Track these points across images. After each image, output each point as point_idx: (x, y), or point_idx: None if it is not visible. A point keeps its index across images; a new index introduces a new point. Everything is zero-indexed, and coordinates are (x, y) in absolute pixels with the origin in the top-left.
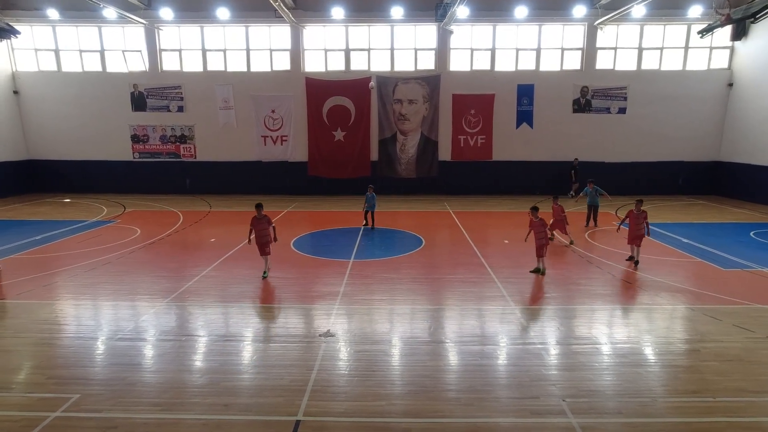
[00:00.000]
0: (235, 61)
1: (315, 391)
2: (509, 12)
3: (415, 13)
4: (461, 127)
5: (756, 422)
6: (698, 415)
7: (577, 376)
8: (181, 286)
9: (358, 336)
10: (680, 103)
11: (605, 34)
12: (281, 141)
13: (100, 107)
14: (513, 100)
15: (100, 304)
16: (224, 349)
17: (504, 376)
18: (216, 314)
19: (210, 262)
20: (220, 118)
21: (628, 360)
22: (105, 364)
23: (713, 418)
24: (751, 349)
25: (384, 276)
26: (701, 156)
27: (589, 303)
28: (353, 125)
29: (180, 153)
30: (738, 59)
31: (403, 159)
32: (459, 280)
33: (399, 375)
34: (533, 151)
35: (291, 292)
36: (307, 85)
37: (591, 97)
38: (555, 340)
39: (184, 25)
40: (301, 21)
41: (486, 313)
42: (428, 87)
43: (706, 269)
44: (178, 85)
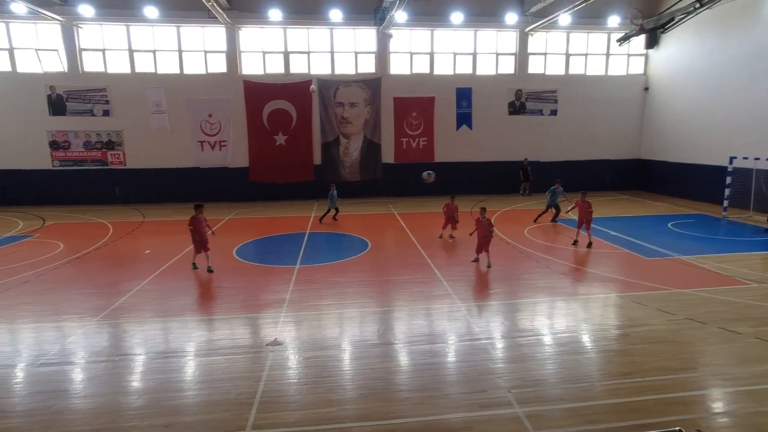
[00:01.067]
0: (166, 63)
1: (263, 403)
2: (446, 17)
3: (355, 16)
4: (403, 130)
5: (680, 397)
6: (631, 395)
7: (522, 367)
8: (113, 302)
9: (307, 342)
10: (604, 105)
11: (536, 41)
12: (220, 146)
13: (11, 111)
14: (452, 102)
15: (17, 327)
16: (164, 366)
17: (453, 372)
18: (154, 330)
19: (146, 275)
20: (153, 122)
21: (567, 348)
22: (25, 393)
23: (644, 397)
24: (673, 330)
25: (331, 280)
26: (625, 154)
27: (531, 296)
28: (295, 129)
29: (107, 160)
30: (652, 65)
31: (346, 162)
32: (406, 281)
33: (350, 379)
34: (474, 152)
35: (235, 301)
36: (245, 89)
37: (525, 100)
38: (500, 334)
39: (107, 23)
40: (236, 22)
41: (434, 312)
42: (369, 90)
43: (633, 259)
44: (102, 88)
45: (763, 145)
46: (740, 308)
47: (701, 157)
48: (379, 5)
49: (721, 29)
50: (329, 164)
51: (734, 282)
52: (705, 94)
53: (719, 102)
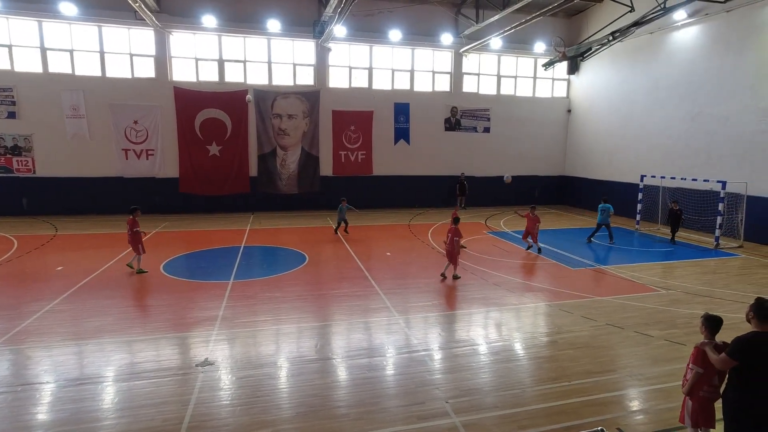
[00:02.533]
0: (85, 64)
1: (192, 428)
2: (384, 34)
3: (293, 28)
4: (342, 143)
5: (602, 398)
6: (558, 398)
7: (458, 377)
8: (15, 325)
9: (241, 361)
10: (533, 125)
11: (470, 61)
12: (147, 155)
13: None
14: (390, 117)
15: None
16: (78, 395)
17: (392, 385)
18: (66, 355)
19: (57, 294)
20: (68, 127)
21: (500, 357)
22: None
23: (569, 400)
24: (595, 335)
25: (267, 295)
26: (551, 171)
27: (467, 307)
28: (230, 139)
29: (12, 167)
30: (573, 89)
31: (284, 174)
32: (344, 295)
33: (286, 398)
34: (411, 166)
35: (162, 320)
36: (176, 96)
37: (460, 117)
38: (437, 345)
39: (14, 17)
40: (167, 26)
41: (372, 326)
42: (308, 102)
43: (559, 269)
44: (8, 87)
45: (666, 165)
46: (651, 313)
47: (616, 174)
48: (318, 18)
49: (631, 60)
50: (266, 176)
51: (646, 289)
52: (618, 117)
53: (630, 124)
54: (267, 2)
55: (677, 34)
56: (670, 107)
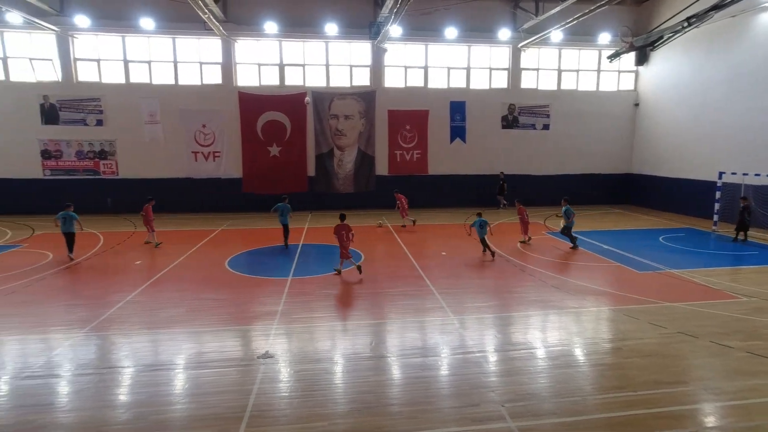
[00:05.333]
0: (161, 74)
1: (253, 417)
2: (440, 32)
3: (350, 30)
4: (397, 142)
5: (672, 411)
6: (622, 409)
7: (515, 380)
8: (101, 314)
9: (299, 355)
10: (595, 120)
11: (528, 56)
12: (213, 157)
13: (3, 119)
14: (446, 116)
15: (1, 339)
16: (153, 379)
17: (445, 386)
18: (143, 342)
19: (135, 286)
20: (146, 132)
21: (559, 362)
22: (8, 407)
23: (635, 411)
24: (664, 343)
25: (323, 292)
26: (615, 168)
27: (524, 309)
28: (289, 140)
29: (100, 170)
30: (642, 82)
31: (340, 174)
32: (399, 294)
33: (341, 393)
34: (467, 165)
35: (226, 313)
36: (240, 100)
37: (518, 114)
38: (493, 347)
39: (103, 33)
40: (232, 34)
41: (426, 325)
42: (364, 103)
43: (624, 272)
44: (96, 97)
45: (748, 161)
46: (729, 322)
47: (690, 171)
48: (374, 20)
49: (707, 47)
50: (323, 176)
51: (724, 296)
52: (692, 110)
53: (705, 118)
54: (325, 7)
55: (764, 17)
56: (751, 97)
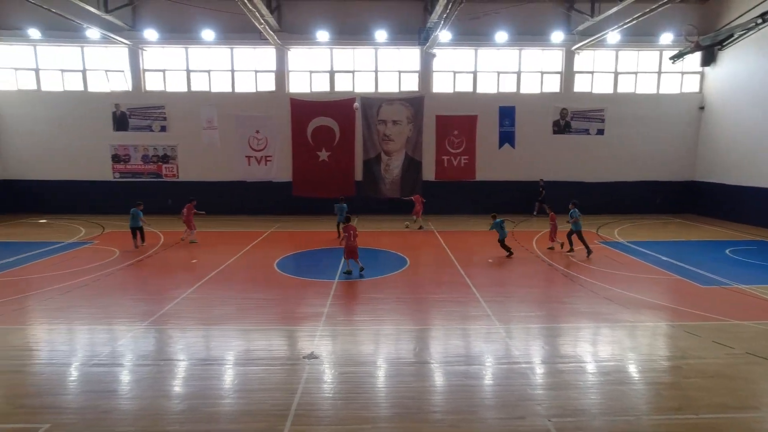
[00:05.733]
0: (219, 82)
1: (298, 416)
2: (490, 37)
3: (399, 36)
4: (445, 148)
5: None
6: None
7: (563, 395)
8: (160, 308)
9: (343, 357)
10: (655, 124)
11: (582, 59)
12: (265, 161)
13: (81, 127)
14: (495, 121)
15: (74, 328)
16: (204, 373)
17: (489, 396)
18: (196, 337)
19: (191, 284)
20: (204, 138)
21: (612, 378)
22: (78, 391)
23: None
24: (731, 364)
25: (368, 296)
26: (677, 176)
27: (574, 321)
28: (338, 145)
29: (162, 173)
30: (708, 83)
31: (387, 179)
32: (443, 300)
33: (384, 397)
34: (515, 171)
35: (274, 313)
36: (291, 106)
37: (570, 119)
38: (540, 359)
39: (168, 46)
40: (286, 43)
41: (471, 333)
42: (412, 108)
43: (685, 286)
44: (161, 105)
45: None
46: None
47: (761, 179)
48: (424, 25)
49: None
50: (370, 180)
51: None
52: (766, 113)
53: None
54: (375, 14)
55: None
56: None
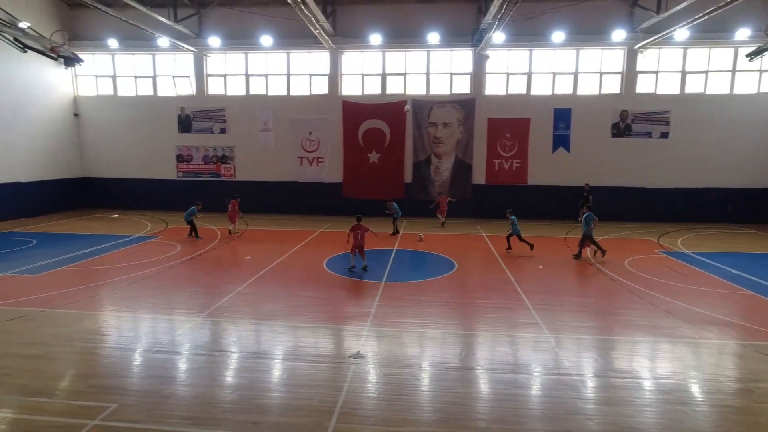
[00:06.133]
0: (275, 86)
1: (343, 414)
2: (546, 37)
3: (452, 38)
4: (496, 151)
5: None
6: None
7: (616, 411)
8: (215, 302)
9: (388, 359)
10: (727, 127)
11: (646, 58)
12: (317, 162)
13: (150, 129)
14: (549, 124)
15: (139, 316)
16: (255, 366)
17: (537, 407)
18: (248, 331)
19: (244, 279)
20: (260, 139)
21: (672, 397)
22: (142, 375)
23: None
24: None
25: (415, 299)
26: (752, 183)
27: (630, 334)
28: (388, 148)
29: (220, 172)
30: None
31: (436, 181)
32: (491, 305)
33: (428, 401)
34: (570, 176)
35: (322, 311)
36: (343, 108)
37: (631, 122)
38: (592, 372)
39: (230, 52)
40: (339, 47)
41: (519, 341)
42: (463, 111)
43: (759, 303)
44: (221, 108)
45: None
46: None
47: None
48: (477, 27)
49: None
50: (419, 183)
51: None
52: None
53: None
54: (428, 17)
55: None
56: None
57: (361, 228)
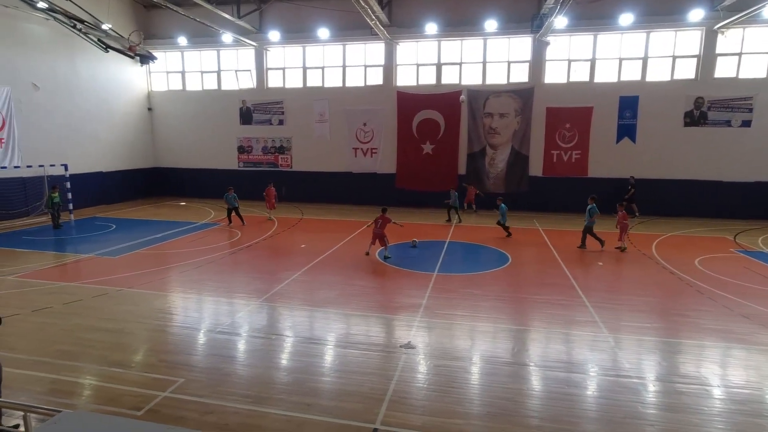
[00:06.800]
0: (331, 77)
1: (393, 402)
2: (613, 20)
3: (510, 25)
4: (554, 142)
5: None
6: None
7: (681, 419)
8: (273, 287)
9: (438, 350)
10: None
11: (727, 39)
12: (371, 153)
13: (214, 121)
14: (614, 113)
15: (203, 298)
16: (309, 350)
17: (593, 408)
18: (302, 317)
19: (299, 267)
20: (315, 130)
21: (746, 408)
22: (205, 353)
23: None
24: None
25: (467, 291)
26: None
27: (699, 338)
28: (442, 138)
29: (278, 163)
30: None
31: (491, 173)
32: (546, 301)
33: (478, 394)
34: (635, 168)
35: (374, 301)
36: (398, 99)
37: (707, 109)
38: (654, 375)
39: (288, 45)
40: (395, 37)
41: (575, 339)
42: (521, 100)
43: None
44: (280, 101)
45: None
46: None
47: None
48: (537, 12)
49: None
50: (474, 174)
51: None
52: None
53: None
54: (484, 4)
55: None
56: None
57: (383, 218)
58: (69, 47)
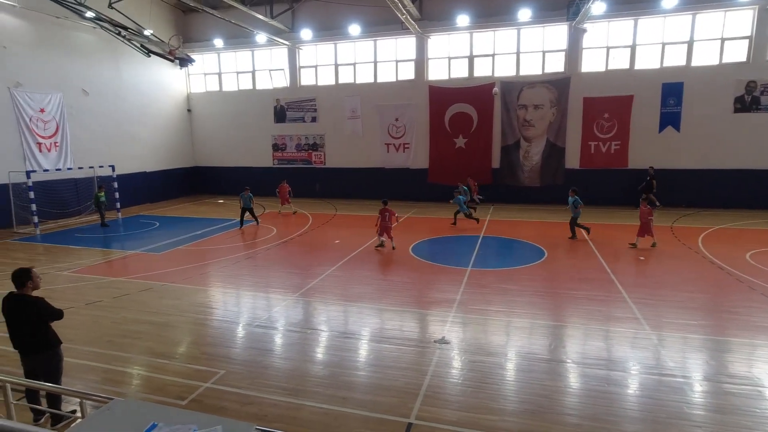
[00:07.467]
0: (363, 74)
1: (428, 397)
2: (654, 3)
3: (544, 14)
4: (592, 133)
5: None
6: None
7: (731, 421)
8: (308, 282)
9: (473, 346)
10: None
11: None
12: (403, 148)
13: (249, 120)
14: (656, 100)
15: (242, 293)
16: (344, 345)
17: (635, 408)
18: (337, 312)
19: (334, 262)
20: (348, 127)
21: None
22: (244, 346)
23: None
24: None
25: (502, 286)
26: None
27: (750, 336)
28: (475, 132)
29: (311, 160)
30: None
31: (526, 166)
32: (584, 297)
33: (514, 391)
34: (679, 159)
35: (408, 296)
36: (430, 93)
37: (760, 94)
38: (702, 375)
39: (320, 43)
40: (426, 31)
41: (615, 336)
42: (556, 91)
43: None
44: (312, 98)
45: None
46: None
47: None
48: None
49: None
50: (508, 168)
51: None
52: None
53: None
54: None
55: None
56: None
57: (388, 211)
58: (114, 53)
